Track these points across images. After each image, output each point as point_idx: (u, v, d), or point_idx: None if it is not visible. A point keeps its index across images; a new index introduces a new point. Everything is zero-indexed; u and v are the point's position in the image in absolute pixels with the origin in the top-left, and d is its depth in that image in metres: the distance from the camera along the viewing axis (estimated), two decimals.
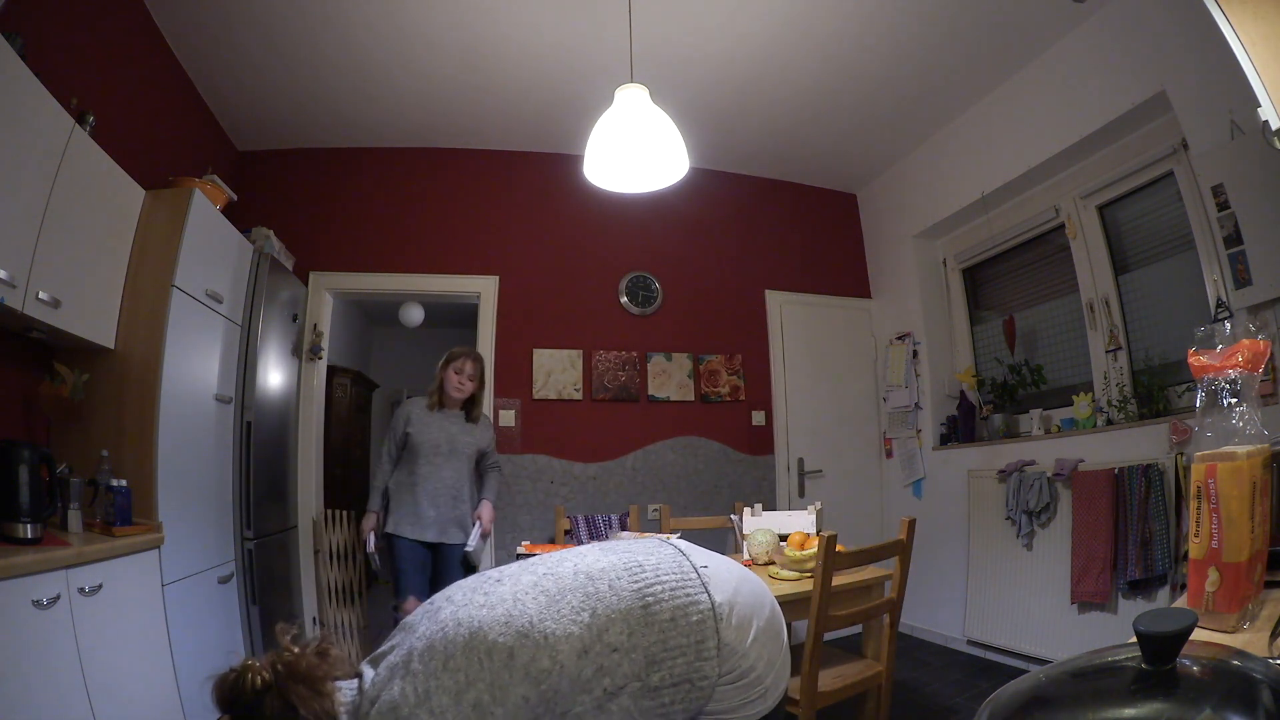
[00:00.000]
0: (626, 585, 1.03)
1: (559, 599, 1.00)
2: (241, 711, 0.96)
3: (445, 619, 0.99)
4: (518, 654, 0.94)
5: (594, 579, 1.04)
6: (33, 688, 1.62)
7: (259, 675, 0.96)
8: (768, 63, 3.30)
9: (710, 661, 0.99)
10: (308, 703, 0.94)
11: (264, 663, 0.98)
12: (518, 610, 0.99)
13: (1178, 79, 2.59)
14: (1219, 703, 0.44)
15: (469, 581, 1.09)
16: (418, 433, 3.00)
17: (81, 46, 2.42)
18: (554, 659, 0.95)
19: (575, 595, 1.01)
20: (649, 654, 0.97)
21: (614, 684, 0.96)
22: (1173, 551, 2.62)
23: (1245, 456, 0.87)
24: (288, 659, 0.98)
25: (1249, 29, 1.56)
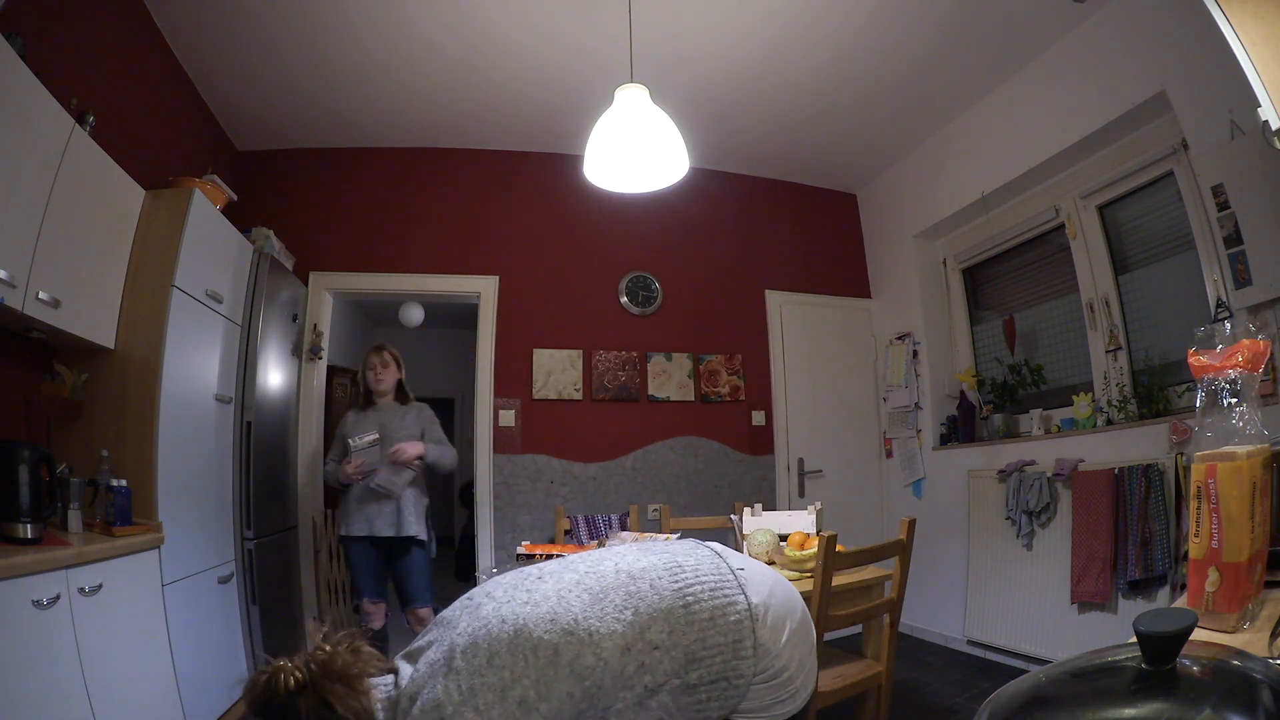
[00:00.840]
0: (667, 585, 1.04)
1: (602, 597, 1.01)
2: (275, 713, 0.95)
3: (488, 615, 0.99)
4: (563, 651, 0.95)
5: (635, 578, 1.05)
6: (33, 688, 1.62)
7: (292, 675, 0.95)
8: (768, 63, 3.30)
9: (746, 660, 1.00)
10: (344, 701, 0.94)
11: (297, 662, 0.97)
12: (562, 608, 0.99)
13: (1178, 79, 2.59)
14: (1219, 703, 0.44)
15: (509, 578, 1.09)
16: (351, 432, 3.01)
17: (81, 46, 2.42)
18: (598, 656, 0.95)
19: (618, 594, 1.02)
20: (689, 652, 0.98)
21: (654, 681, 0.96)
22: (1173, 551, 2.62)
23: (1245, 456, 0.87)
24: (321, 657, 0.98)
25: (1249, 29, 1.56)
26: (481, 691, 0.91)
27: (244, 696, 0.99)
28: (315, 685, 0.95)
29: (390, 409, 3.12)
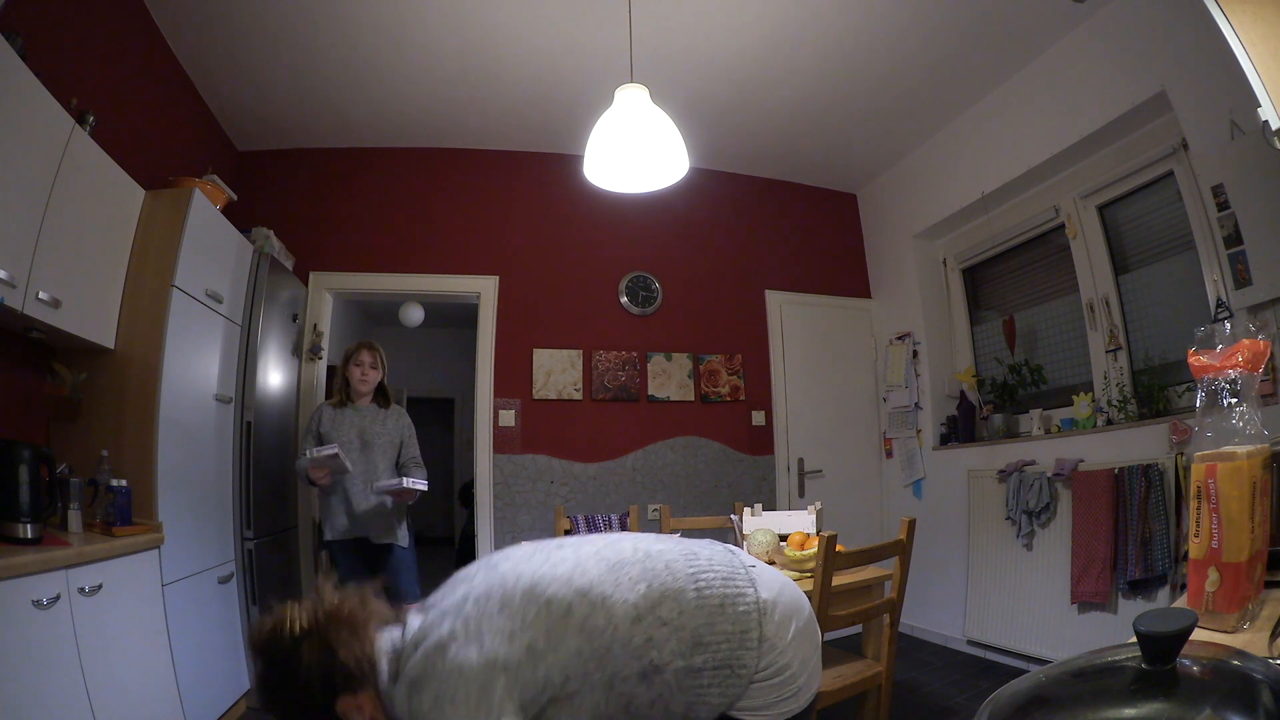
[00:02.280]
0: (682, 568, 1.06)
1: (619, 568, 1.04)
2: (278, 657, 0.97)
3: (505, 571, 1.02)
4: (575, 609, 0.97)
5: (652, 557, 1.07)
6: (33, 688, 1.62)
7: (298, 621, 0.97)
8: (768, 63, 3.30)
9: (751, 651, 1.01)
10: (348, 646, 0.96)
11: (305, 607, 0.99)
12: (578, 572, 1.02)
13: (1178, 79, 2.59)
14: (1219, 703, 0.44)
15: (527, 545, 1.12)
16: (329, 432, 2.96)
17: (81, 46, 2.42)
18: (609, 619, 0.97)
19: (634, 568, 1.04)
20: (696, 634, 0.99)
21: (660, 658, 0.97)
22: (1173, 551, 2.62)
23: (1245, 456, 0.87)
24: (329, 605, 1.00)
25: (1249, 29, 1.56)
26: (490, 633, 0.93)
27: (249, 639, 1.03)
28: (321, 631, 0.97)
29: (370, 412, 3.05)
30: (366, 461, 2.95)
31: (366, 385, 3.04)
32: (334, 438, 2.95)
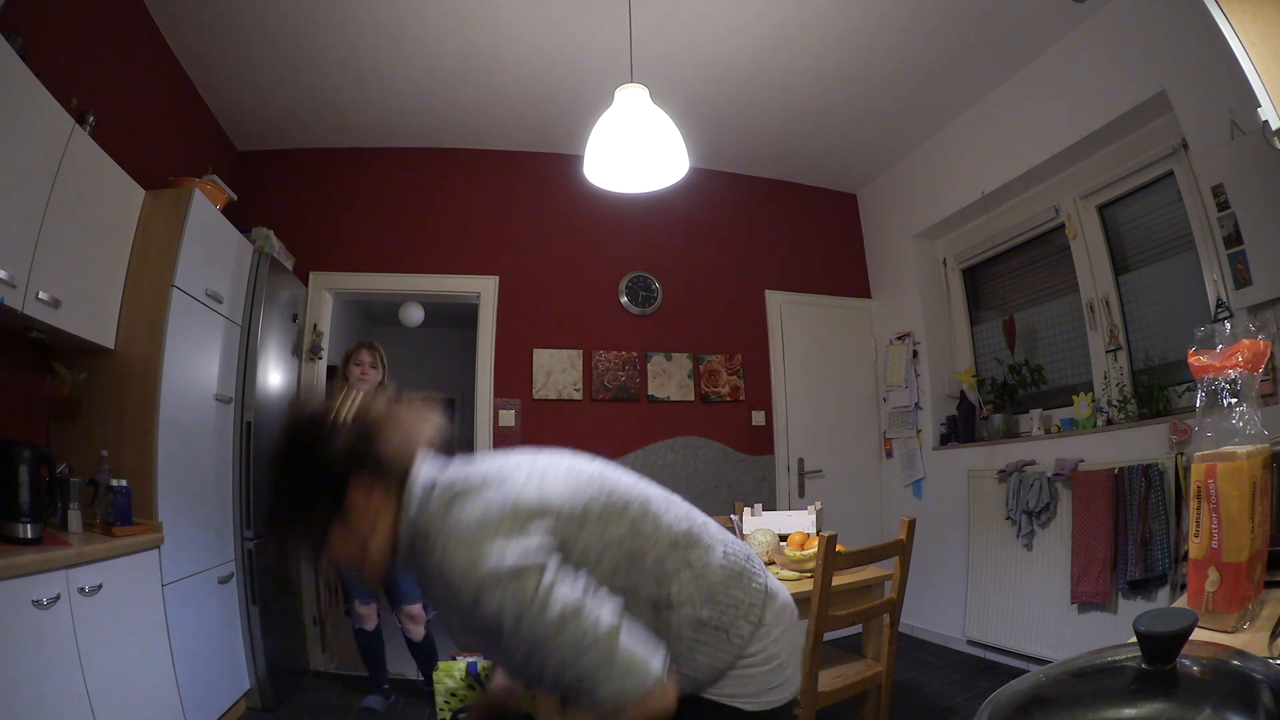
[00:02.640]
0: (715, 531, 1.11)
1: (671, 502, 1.09)
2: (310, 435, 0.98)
3: (572, 459, 1.08)
4: (632, 507, 1.00)
5: (695, 512, 1.12)
6: (33, 688, 1.62)
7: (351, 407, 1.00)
8: (768, 63, 3.30)
9: (750, 626, 1.02)
10: (389, 442, 0.98)
11: (361, 399, 1.02)
12: (641, 485, 1.07)
13: (1178, 79, 2.59)
14: (1219, 703, 0.44)
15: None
16: None
17: (81, 46, 2.42)
18: (655, 530, 1.00)
19: (682, 509, 1.09)
20: (712, 589, 1.01)
21: (676, 595, 0.99)
22: (1173, 551, 2.62)
23: (1245, 456, 0.87)
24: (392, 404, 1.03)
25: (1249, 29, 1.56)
26: (554, 483, 0.96)
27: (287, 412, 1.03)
28: (370, 423, 0.99)
29: None
30: None
31: (366, 385, 3.04)
32: None
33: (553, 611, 0.84)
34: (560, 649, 0.84)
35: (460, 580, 0.87)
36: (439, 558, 0.89)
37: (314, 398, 1.03)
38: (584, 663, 0.84)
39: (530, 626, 0.83)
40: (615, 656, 0.85)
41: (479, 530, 0.88)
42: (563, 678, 0.86)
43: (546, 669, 0.85)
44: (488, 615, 0.85)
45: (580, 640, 0.84)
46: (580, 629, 0.84)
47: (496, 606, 0.84)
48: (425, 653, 3.05)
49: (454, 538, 0.89)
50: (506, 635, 0.85)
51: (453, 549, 0.88)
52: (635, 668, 0.86)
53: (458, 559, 0.87)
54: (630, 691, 0.85)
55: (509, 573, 0.85)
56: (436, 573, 0.91)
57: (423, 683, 3.10)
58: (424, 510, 0.95)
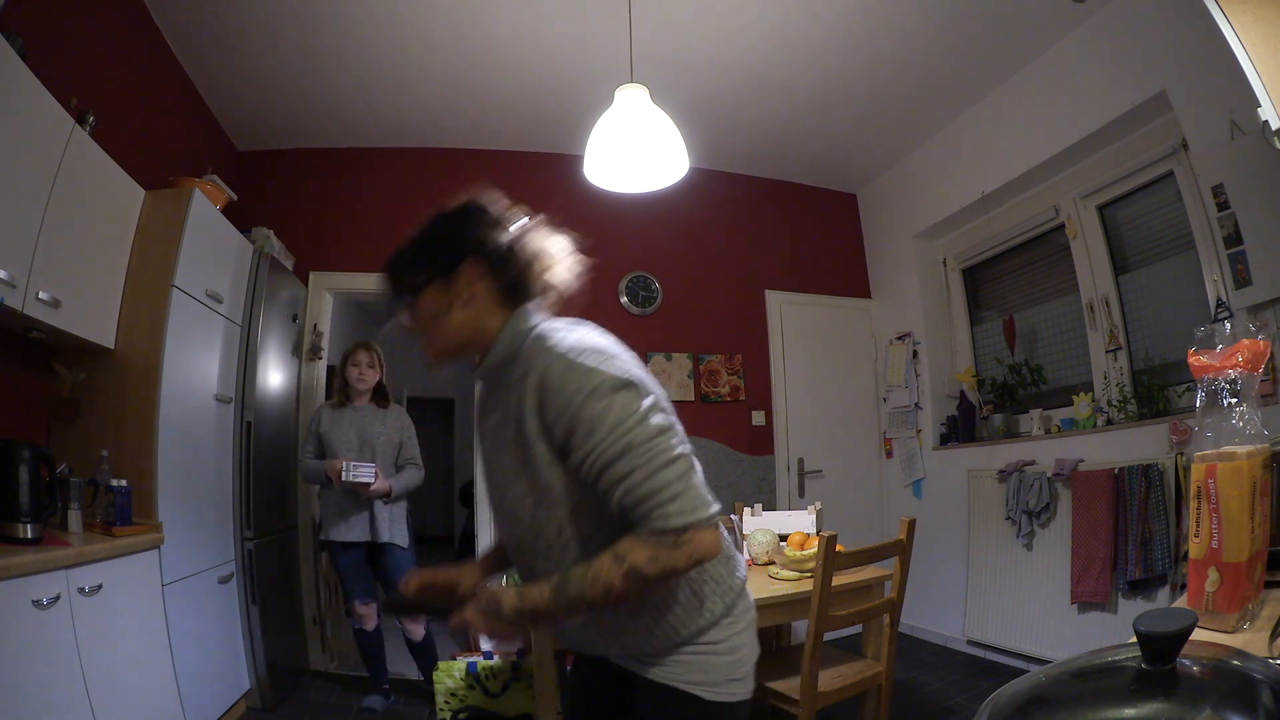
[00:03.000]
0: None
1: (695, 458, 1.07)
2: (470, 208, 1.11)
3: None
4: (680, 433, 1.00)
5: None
6: (33, 688, 1.62)
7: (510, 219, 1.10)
8: (768, 62, 3.30)
9: (722, 607, 1.04)
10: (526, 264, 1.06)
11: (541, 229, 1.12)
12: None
13: (1178, 79, 2.59)
14: (1219, 703, 0.44)
15: None
16: (328, 433, 2.96)
17: (81, 46, 2.42)
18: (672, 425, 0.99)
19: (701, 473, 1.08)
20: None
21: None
22: (1173, 551, 2.62)
23: (1245, 456, 0.87)
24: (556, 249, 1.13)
25: (1249, 29, 1.56)
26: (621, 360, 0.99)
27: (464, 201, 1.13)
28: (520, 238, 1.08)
29: (369, 412, 3.04)
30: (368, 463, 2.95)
31: (364, 385, 3.04)
32: (333, 439, 2.95)
33: (652, 422, 0.92)
34: (650, 456, 0.89)
35: (563, 384, 0.92)
36: (539, 370, 0.96)
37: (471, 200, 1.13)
38: (668, 473, 0.89)
39: (629, 430, 0.90)
40: (691, 479, 0.91)
41: (596, 357, 0.95)
42: (638, 488, 0.89)
43: (629, 477, 0.89)
44: (587, 415, 0.90)
45: (669, 451, 0.91)
46: (671, 443, 0.92)
47: (601, 408, 0.90)
48: (425, 653, 3.06)
49: (569, 356, 0.95)
50: (599, 437, 0.90)
51: (563, 365, 0.94)
52: (703, 497, 0.91)
53: (569, 371, 0.93)
54: (696, 517, 0.89)
55: (622, 382, 0.93)
56: (518, 384, 0.98)
57: (423, 683, 3.10)
58: (538, 330, 1.03)
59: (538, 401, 0.96)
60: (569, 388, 0.92)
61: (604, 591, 0.90)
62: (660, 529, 0.88)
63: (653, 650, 1.03)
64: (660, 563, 0.89)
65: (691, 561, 0.90)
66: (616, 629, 1.04)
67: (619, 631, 1.04)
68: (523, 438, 0.98)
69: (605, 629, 1.05)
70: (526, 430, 0.97)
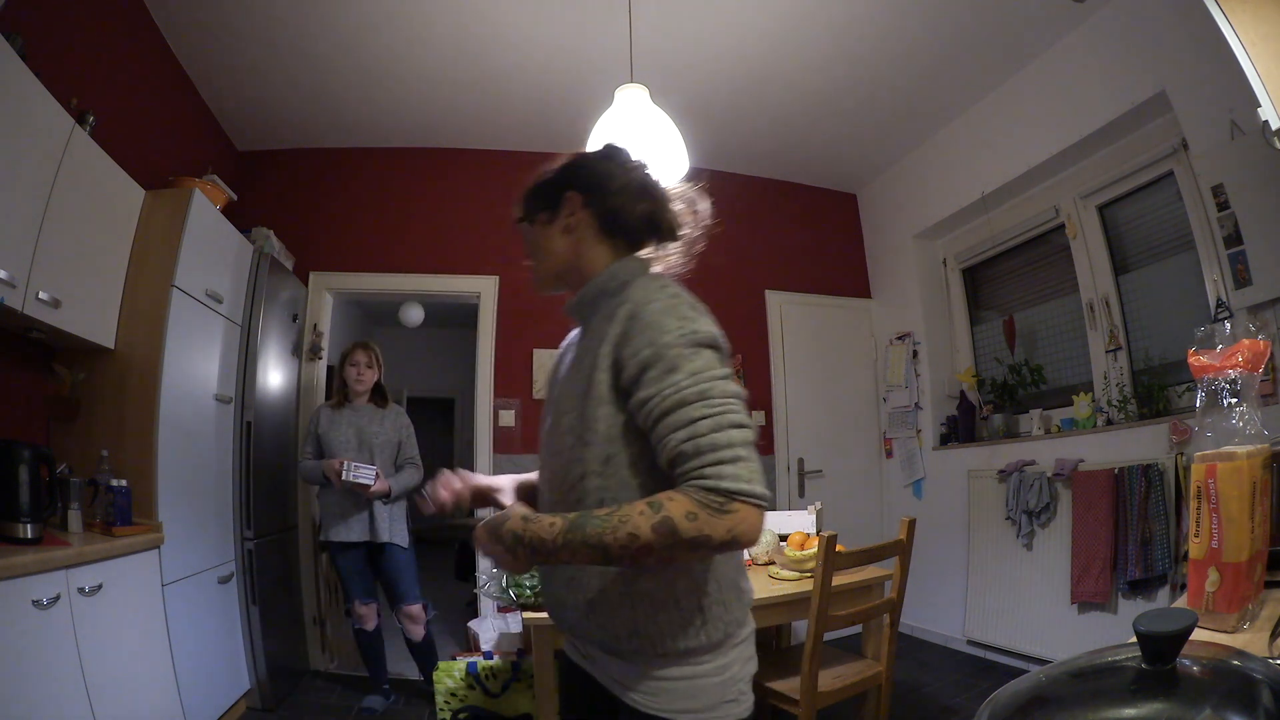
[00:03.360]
0: None
1: None
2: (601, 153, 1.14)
3: None
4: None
5: None
6: (33, 688, 1.62)
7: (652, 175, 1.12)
8: (768, 62, 3.30)
9: (717, 635, 0.96)
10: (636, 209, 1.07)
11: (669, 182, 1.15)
12: None
13: (1178, 79, 2.59)
14: (1219, 703, 0.44)
15: None
16: (327, 433, 2.96)
17: (81, 46, 2.42)
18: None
19: None
20: (719, 569, 0.98)
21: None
22: (1173, 551, 2.62)
23: (1245, 456, 0.87)
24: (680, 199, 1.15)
25: (1249, 29, 1.56)
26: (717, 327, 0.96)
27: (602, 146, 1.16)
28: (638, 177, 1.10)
29: (368, 412, 3.05)
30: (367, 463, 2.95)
31: (363, 385, 3.05)
32: (331, 439, 2.95)
33: (728, 387, 0.88)
34: (723, 411, 0.85)
35: (658, 319, 0.90)
36: (636, 301, 0.94)
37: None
38: (735, 434, 0.84)
39: (709, 380, 0.86)
40: (755, 452, 0.87)
41: (697, 311, 0.93)
42: (702, 438, 0.84)
43: (696, 423, 0.84)
44: (671, 355, 0.87)
45: (740, 415, 0.87)
46: (741, 413, 0.87)
47: (688, 353, 0.87)
48: (425, 653, 3.06)
49: (673, 300, 0.94)
50: (677, 378, 0.86)
51: (665, 305, 0.92)
52: (760, 474, 0.85)
53: (669, 312, 0.91)
54: (750, 488, 0.83)
55: (714, 341, 0.91)
56: (609, 318, 0.97)
57: (423, 683, 3.10)
58: (645, 274, 1.04)
59: (622, 331, 0.93)
60: (663, 324, 0.89)
61: (626, 540, 0.82)
62: (711, 486, 0.82)
63: (627, 652, 0.95)
64: (698, 524, 0.81)
65: (729, 537, 0.82)
66: (600, 606, 0.95)
67: (602, 610, 0.95)
68: (593, 363, 0.95)
69: (588, 603, 0.96)
70: (599, 356, 0.94)
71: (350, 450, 2.93)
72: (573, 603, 0.99)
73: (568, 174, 1.11)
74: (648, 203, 1.08)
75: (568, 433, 0.97)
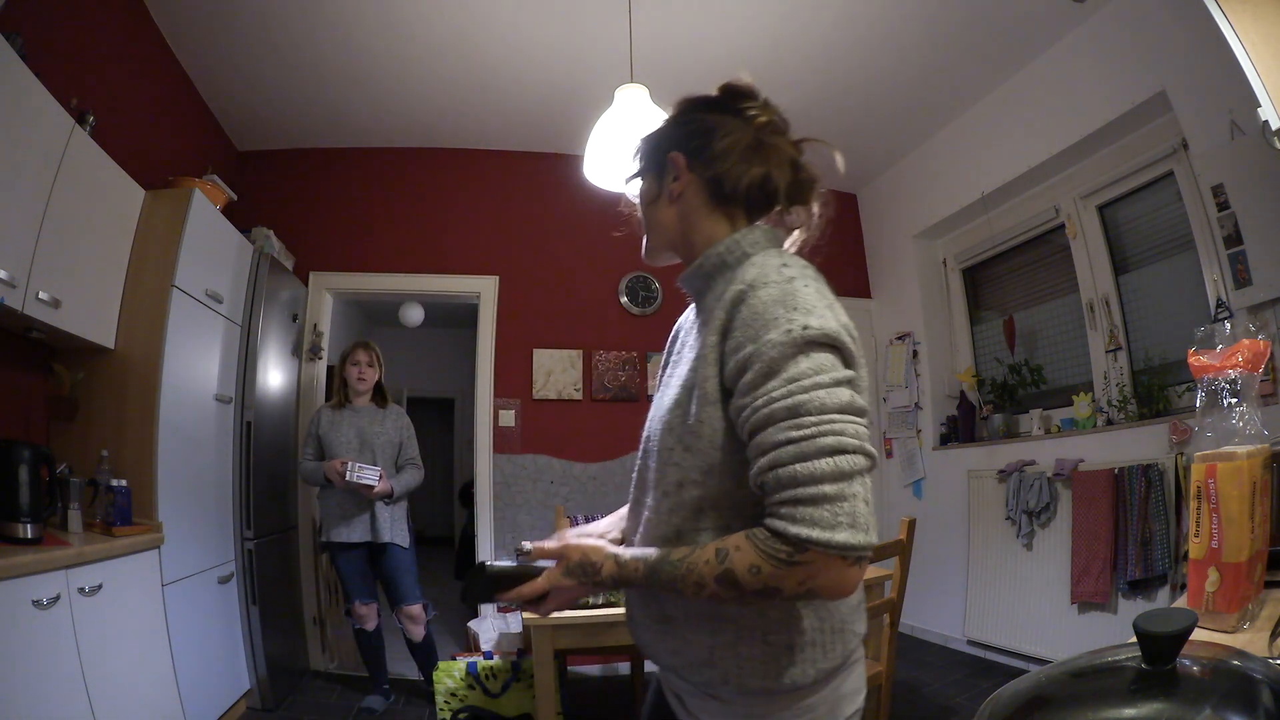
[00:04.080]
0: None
1: None
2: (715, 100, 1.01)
3: None
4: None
5: None
6: (33, 688, 1.62)
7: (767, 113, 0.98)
8: (768, 62, 3.29)
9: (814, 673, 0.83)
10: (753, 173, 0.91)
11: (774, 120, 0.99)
12: None
13: (1178, 79, 2.59)
14: (1219, 703, 0.44)
15: None
16: (328, 434, 2.97)
17: (81, 46, 2.42)
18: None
19: None
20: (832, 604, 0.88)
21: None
22: (1173, 551, 2.62)
23: (1245, 456, 0.87)
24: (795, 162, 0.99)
25: (1249, 29, 1.56)
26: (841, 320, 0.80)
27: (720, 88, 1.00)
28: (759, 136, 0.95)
29: (369, 412, 3.06)
30: (365, 463, 2.95)
31: (365, 385, 3.05)
32: (333, 440, 2.95)
33: (839, 395, 0.71)
34: (817, 433, 0.69)
35: (764, 309, 0.76)
36: (746, 282, 0.80)
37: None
38: (826, 465, 0.68)
39: (807, 390, 0.71)
40: (853, 487, 0.68)
41: (817, 300, 0.78)
42: (782, 467, 0.69)
43: (779, 448, 0.70)
44: (770, 355, 0.73)
45: (841, 438, 0.69)
46: (849, 430, 0.70)
47: (790, 353, 0.72)
48: (425, 653, 3.06)
49: (788, 284, 0.79)
50: (771, 386, 0.72)
51: (777, 291, 0.77)
52: (855, 516, 0.67)
53: (779, 301, 0.76)
54: (828, 537, 0.67)
55: (830, 338, 0.74)
56: (720, 299, 0.83)
57: (423, 683, 3.10)
58: (765, 244, 0.90)
59: (727, 318, 0.79)
60: (769, 314, 0.75)
61: (695, 589, 0.74)
62: (779, 530, 0.68)
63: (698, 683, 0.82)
64: (762, 577, 0.69)
65: (801, 590, 0.70)
66: (678, 626, 0.83)
67: (677, 632, 0.83)
68: (701, 354, 0.82)
69: (664, 619, 0.84)
70: (707, 346, 0.81)
71: (352, 451, 2.93)
72: (644, 620, 0.87)
73: (674, 130, 0.98)
74: (759, 166, 0.91)
75: (668, 431, 0.84)
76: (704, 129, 0.95)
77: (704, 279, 0.93)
